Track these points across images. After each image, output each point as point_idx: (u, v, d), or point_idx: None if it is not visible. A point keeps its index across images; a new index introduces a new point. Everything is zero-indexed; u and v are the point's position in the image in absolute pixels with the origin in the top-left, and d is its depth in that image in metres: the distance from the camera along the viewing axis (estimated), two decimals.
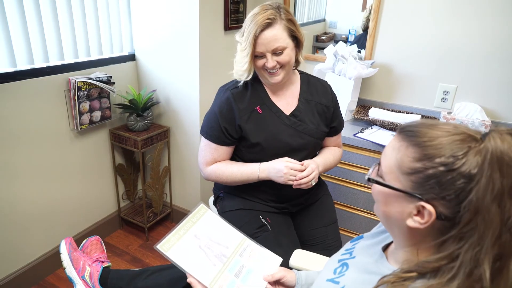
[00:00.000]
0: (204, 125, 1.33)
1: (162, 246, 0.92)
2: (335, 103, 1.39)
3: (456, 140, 0.57)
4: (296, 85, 1.35)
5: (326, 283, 0.77)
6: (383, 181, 0.65)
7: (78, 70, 1.80)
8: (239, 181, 1.31)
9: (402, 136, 0.63)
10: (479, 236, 0.54)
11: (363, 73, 1.94)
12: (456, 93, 1.93)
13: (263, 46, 1.17)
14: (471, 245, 0.55)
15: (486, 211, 0.53)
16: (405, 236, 0.65)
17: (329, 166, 1.39)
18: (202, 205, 1.09)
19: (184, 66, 1.96)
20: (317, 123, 1.34)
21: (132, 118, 1.99)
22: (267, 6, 1.18)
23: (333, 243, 1.38)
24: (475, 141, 0.56)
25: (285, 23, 1.17)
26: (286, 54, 1.19)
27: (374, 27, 2.02)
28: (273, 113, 1.29)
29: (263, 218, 1.31)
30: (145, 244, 2.17)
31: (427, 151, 0.58)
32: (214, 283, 0.90)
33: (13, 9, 1.51)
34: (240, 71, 1.24)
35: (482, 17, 1.76)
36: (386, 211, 0.66)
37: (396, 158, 0.63)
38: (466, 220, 0.55)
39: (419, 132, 0.61)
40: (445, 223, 0.58)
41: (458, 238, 0.56)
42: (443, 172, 0.56)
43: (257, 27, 1.14)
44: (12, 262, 1.73)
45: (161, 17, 1.93)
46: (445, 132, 0.59)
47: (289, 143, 1.29)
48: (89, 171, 2.00)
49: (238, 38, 1.24)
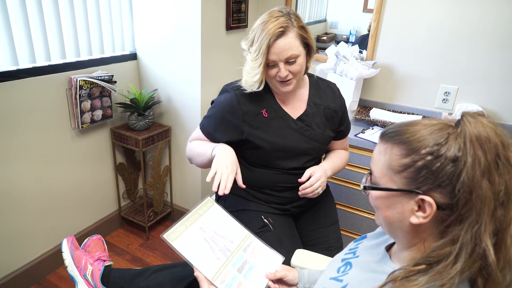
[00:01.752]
0: (203, 121, 1.33)
1: (168, 235, 0.92)
2: (343, 107, 1.37)
3: (435, 129, 0.61)
4: (305, 90, 1.32)
5: (330, 281, 0.77)
6: (378, 186, 0.66)
7: (80, 68, 1.80)
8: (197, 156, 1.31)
9: (385, 139, 0.66)
10: (477, 213, 0.56)
11: (364, 74, 1.94)
12: (457, 94, 1.93)
13: (275, 55, 1.13)
14: (470, 225, 0.57)
15: (479, 187, 0.56)
16: (410, 235, 0.66)
17: (337, 170, 1.37)
18: (209, 198, 1.09)
19: (186, 66, 1.96)
20: (324, 128, 1.32)
21: (133, 117, 1.99)
22: (277, 13, 1.13)
23: (334, 244, 1.38)
24: (452, 127, 0.60)
25: (297, 31, 1.13)
26: (298, 64, 1.16)
27: (376, 28, 2.02)
28: (279, 117, 1.27)
29: (265, 218, 1.31)
30: (146, 244, 2.17)
31: (412, 145, 0.61)
32: (217, 277, 0.91)
33: (15, 7, 1.51)
34: (251, 81, 1.19)
35: (484, 19, 1.77)
36: (387, 216, 0.67)
37: (385, 160, 0.65)
38: (463, 201, 0.57)
39: (400, 131, 0.64)
40: (446, 212, 0.60)
41: (458, 221, 0.59)
42: (431, 161, 0.59)
43: (270, 37, 1.10)
44: (13, 261, 1.73)
45: (163, 17, 1.93)
46: (423, 126, 0.62)
47: (295, 148, 1.28)
48: (90, 170, 2.00)
49: (245, 46, 1.20)
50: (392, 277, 0.62)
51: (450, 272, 0.57)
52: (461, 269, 0.57)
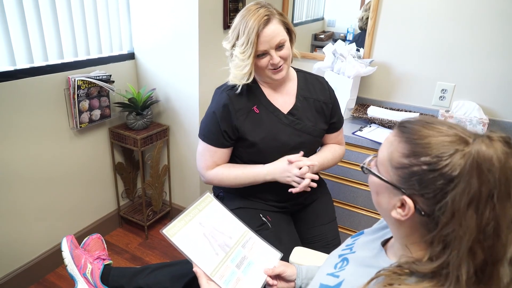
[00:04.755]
0: (202, 128, 1.32)
1: (168, 231, 0.93)
2: (333, 99, 1.37)
3: (445, 141, 0.58)
4: (293, 83, 1.34)
5: (326, 277, 0.78)
6: (374, 171, 0.68)
7: (78, 68, 1.80)
8: (243, 184, 1.30)
9: (398, 131, 0.66)
10: (458, 241, 0.55)
11: (361, 72, 1.95)
12: (454, 91, 1.94)
13: (266, 43, 1.16)
14: (454, 251, 0.56)
15: (462, 215, 0.54)
16: (395, 226, 0.69)
17: (326, 164, 1.37)
18: (208, 194, 1.10)
19: (184, 65, 1.96)
20: (315, 121, 1.33)
21: (131, 116, 1.99)
22: (256, 6, 1.18)
23: (332, 241, 1.39)
24: (465, 144, 0.57)
25: (278, 17, 1.19)
26: (287, 48, 1.20)
27: (373, 26, 2.03)
28: (270, 112, 1.28)
29: (263, 216, 1.32)
30: (145, 243, 2.18)
31: (415, 149, 0.60)
32: (215, 272, 0.91)
33: (13, 7, 1.51)
34: (240, 75, 1.20)
35: (481, 16, 1.78)
36: (377, 200, 0.70)
37: (388, 151, 0.66)
38: (443, 222, 0.57)
39: (413, 129, 0.63)
40: (426, 220, 0.61)
41: (442, 242, 0.58)
42: (425, 171, 0.58)
43: (258, 25, 1.13)
44: (12, 261, 1.74)
45: (161, 16, 1.94)
46: (437, 132, 0.60)
47: (288, 142, 1.29)
48: (88, 170, 2.00)
49: (227, 45, 1.23)
50: (378, 274, 0.64)
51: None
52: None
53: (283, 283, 0.99)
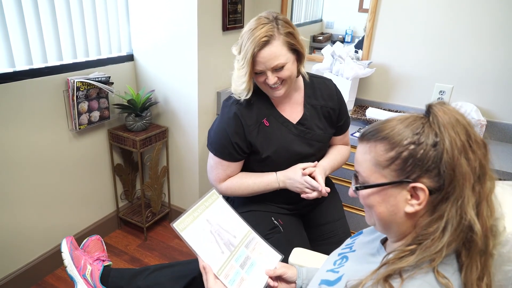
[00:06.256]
0: (213, 142, 1.29)
1: (178, 225, 0.94)
2: (341, 103, 1.35)
3: (410, 122, 0.66)
4: (300, 92, 1.31)
5: (326, 273, 0.80)
6: (370, 183, 0.68)
7: (77, 70, 1.81)
8: (256, 193, 1.30)
9: (366, 139, 0.70)
10: (460, 189, 0.61)
11: (360, 73, 1.96)
12: (452, 93, 1.95)
13: (262, 64, 1.12)
14: (454, 200, 0.62)
15: (459, 165, 0.61)
16: (405, 226, 0.68)
17: (336, 167, 1.37)
18: (214, 191, 1.10)
19: (183, 66, 1.97)
20: (324, 128, 1.32)
21: (130, 118, 1.99)
22: (263, 20, 1.11)
23: (344, 237, 1.36)
24: (423, 118, 0.66)
25: (283, 38, 1.11)
26: (286, 69, 1.14)
27: (371, 28, 2.03)
28: (280, 123, 1.27)
29: (275, 219, 1.32)
30: (144, 244, 2.18)
31: (394, 139, 0.65)
32: (221, 271, 0.92)
33: (12, 9, 1.51)
34: (239, 90, 1.18)
35: (478, 17, 1.79)
36: (381, 213, 0.68)
37: (371, 158, 0.68)
38: (448, 180, 0.62)
39: (379, 129, 0.68)
40: (436, 196, 0.63)
41: (444, 199, 0.63)
42: (415, 149, 0.63)
43: (254, 46, 1.09)
44: (10, 262, 1.73)
45: (160, 17, 1.94)
46: (398, 121, 0.67)
47: (299, 152, 1.28)
48: (87, 171, 2.00)
49: (235, 52, 1.18)
50: (386, 260, 0.65)
51: (438, 245, 0.61)
52: (448, 242, 0.61)
53: (284, 284, 1.00)
